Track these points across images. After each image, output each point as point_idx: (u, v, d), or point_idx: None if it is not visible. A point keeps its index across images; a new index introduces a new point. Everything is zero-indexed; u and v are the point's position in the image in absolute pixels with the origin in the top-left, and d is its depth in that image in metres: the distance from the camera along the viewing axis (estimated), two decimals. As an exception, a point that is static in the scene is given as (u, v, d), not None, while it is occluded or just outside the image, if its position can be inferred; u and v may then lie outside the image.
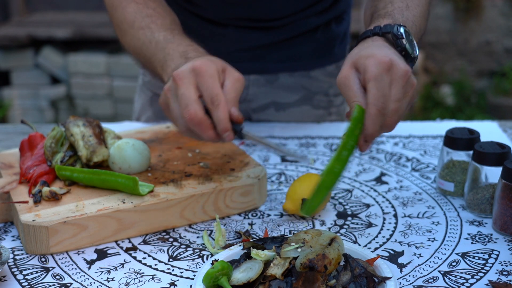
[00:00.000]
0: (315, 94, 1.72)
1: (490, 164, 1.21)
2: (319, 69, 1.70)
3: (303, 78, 1.70)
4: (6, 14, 5.76)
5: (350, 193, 1.35)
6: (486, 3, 5.51)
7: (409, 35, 1.14)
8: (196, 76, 1.09)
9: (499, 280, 1.04)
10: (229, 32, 1.60)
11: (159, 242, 1.18)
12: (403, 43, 1.12)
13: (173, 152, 1.39)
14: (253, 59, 1.64)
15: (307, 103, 1.73)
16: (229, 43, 1.61)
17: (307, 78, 1.70)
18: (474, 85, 5.60)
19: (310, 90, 1.71)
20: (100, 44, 5.29)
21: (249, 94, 1.69)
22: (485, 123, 1.70)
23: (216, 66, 1.11)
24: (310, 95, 1.72)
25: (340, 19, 1.68)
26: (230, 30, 1.60)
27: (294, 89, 1.70)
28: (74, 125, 1.33)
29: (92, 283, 1.06)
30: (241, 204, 1.26)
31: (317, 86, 1.71)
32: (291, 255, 0.96)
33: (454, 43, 5.66)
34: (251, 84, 1.67)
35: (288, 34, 1.61)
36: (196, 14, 1.60)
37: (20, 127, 1.72)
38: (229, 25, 1.59)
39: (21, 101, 5.33)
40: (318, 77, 1.71)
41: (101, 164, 1.29)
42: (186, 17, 1.49)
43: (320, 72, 1.71)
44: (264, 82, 1.68)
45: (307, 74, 1.70)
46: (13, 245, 1.17)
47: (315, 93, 1.72)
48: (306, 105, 1.73)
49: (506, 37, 5.57)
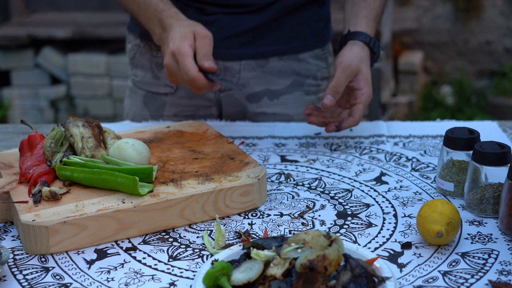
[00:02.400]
0: (306, 78, 1.77)
1: (490, 164, 1.21)
2: (307, 52, 1.76)
3: (292, 62, 1.75)
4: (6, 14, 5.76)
5: (350, 193, 1.35)
6: (486, 3, 5.51)
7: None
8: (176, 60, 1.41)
9: (499, 280, 1.04)
10: (219, 19, 1.65)
11: (159, 242, 1.17)
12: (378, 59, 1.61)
13: (173, 152, 1.39)
14: (244, 45, 1.69)
15: (299, 89, 1.77)
16: (220, 31, 1.65)
17: (296, 61, 1.75)
18: (474, 85, 5.60)
19: (300, 73, 1.76)
20: (100, 44, 5.29)
21: (241, 79, 1.73)
22: (485, 123, 1.70)
23: (188, 43, 1.41)
24: (301, 80, 1.77)
25: (322, 2, 1.75)
26: (220, 16, 1.65)
27: (285, 74, 1.75)
28: (73, 126, 1.33)
29: (92, 283, 1.06)
30: (241, 204, 1.26)
31: (306, 69, 1.77)
32: (291, 256, 0.96)
33: (454, 43, 5.66)
34: (243, 68, 1.72)
35: (274, 13, 1.66)
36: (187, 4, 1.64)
37: (20, 127, 1.72)
38: (218, 13, 1.65)
39: (21, 101, 5.33)
40: (307, 60, 1.77)
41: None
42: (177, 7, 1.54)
43: (308, 54, 1.77)
44: (255, 66, 1.72)
45: (296, 57, 1.75)
46: (13, 245, 1.17)
47: (306, 76, 1.77)
48: (298, 90, 1.77)
49: (506, 37, 5.57)
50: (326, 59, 1.81)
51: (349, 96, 1.55)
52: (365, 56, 1.54)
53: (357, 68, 1.51)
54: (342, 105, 1.57)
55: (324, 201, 1.31)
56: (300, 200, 1.32)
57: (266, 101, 1.76)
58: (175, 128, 1.54)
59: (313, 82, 1.79)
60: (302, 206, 1.29)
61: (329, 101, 1.47)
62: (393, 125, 1.71)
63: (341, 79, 1.49)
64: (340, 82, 1.48)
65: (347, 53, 1.53)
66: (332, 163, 1.48)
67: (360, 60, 1.52)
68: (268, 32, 1.69)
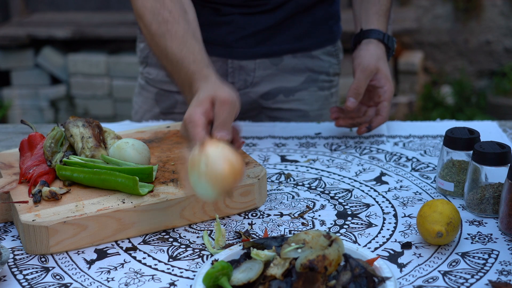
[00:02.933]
0: (319, 74, 1.80)
1: (490, 164, 1.21)
2: (320, 49, 1.79)
3: (306, 59, 1.77)
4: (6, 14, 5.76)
5: (350, 193, 1.35)
6: (486, 3, 5.51)
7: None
8: (187, 129, 1.21)
9: (499, 280, 1.04)
10: (235, 19, 1.67)
11: (159, 242, 1.17)
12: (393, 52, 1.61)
13: (173, 152, 1.39)
14: (258, 44, 1.71)
15: (313, 85, 1.80)
16: (235, 31, 1.68)
17: (309, 58, 1.78)
18: (474, 85, 5.60)
19: (313, 70, 1.79)
20: (100, 44, 5.29)
21: (256, 77, 1.75)
22: (485, 123, 1.70)
23: (201, 110, 1.20)
24: (315, 76, 1.79)
25: (332, 1, 1.77)
26: (235, 17, 1.67)
27: (299, 71, 1.77)
28: (73, 126, 1.33)
29: (92, 283, 1.06)
30: (241, 204, 1.26)
31: (319, 65, 1.79)
32: (291, 256, 0.96)
33: (454, 43, 5.66)
34: (257, 67, 1.74)
35: (288, 12, 1.68)
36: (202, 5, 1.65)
37: (20, 127, 1.72)
38: (233, 13, 1.66)
39: (21, 101, 5.33)
40: (320, 56, 1.79)
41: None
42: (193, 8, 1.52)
43: (320, 51, 1.79)
44: (270, 64, 1.75)
45: (309, 54, 1.78)
46: (13, 245, 1.17)
47: (319, 72, 1.80)
48: (312, 86, 1.80)
49: (506, 37, 5.57)
50: (337, 55, 1.84)
51: (372, 94, 1.58)
52: (381, 53, 1.57)
53: (376, 67, 1.53)
54: (366, 103, 1.60)
55: (324, 201, 1.31)
56: (300, 200, 1.32)
57: (281, 98, 1.79)
58: (175, 128, 1.54)
59: (326, 78, 1.82)
60: (302, 206, 1.29)
61: (352, 104, 1.52)
62: (393, 125, 1.71)
63: (361, 80, 1.52)
64: (360, 83, 1.52)
65: (363, 54, 1.55)
66: (332, 163, 1.48)
67: (377, 59, 1.55)
68: (281, 30, 1.71)
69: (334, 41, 1.82)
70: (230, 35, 1.65)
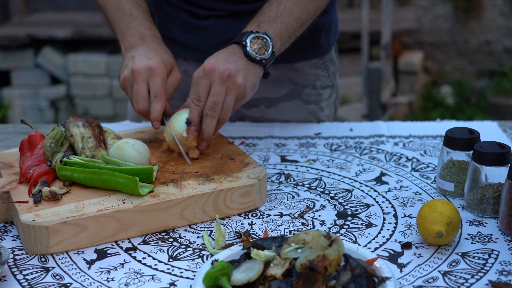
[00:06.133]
0: (303, 88, 1.73)
1: (490, 164, 1.21)
2: (304, 61, 1.71)
3: (288, 71, 1.70)
4: (6, 14, 5.77)
5: (350, 193, 1.35)
6: (486, 3, 5.51)
7: (260, 43, 1.39)
8: (149, 75, 1.39)
9: (499, 280, 1.04)
10: (211, 24, 1.61)
11: (159, 242, 1.18)
12: (247, 51, 1.38)
13: (173, 152, 1.39)
14: None
15: (297, 98, 1.73)
16: (211, 37, 1.62)
17: (292, 70, 1.71)
18: (474, 85, 5.61)
19: (297, 83, 1.72)
20: (100, 44, 5.29)
21: None
22: (485, 123, 1.70)
23: (166, 68, 1.43)
24: (299, 90, 1.73)
25: (324, 11, 1.67)
26: (212, 21, 1.60)
27: (281, 83, 1.70)
28: (73, 126, 1.33)
29: (92, 283, 1.06)
30: (241, 204, 1.26)
31: (303, 78, 1.72)
32: (291, 256, 0.96)
33: (454, 43, 5.66)
34: None
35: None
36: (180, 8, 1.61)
37: (20, 127, 1.73)
38: (209, 16, 1.60)
39: (21, 101, 5.33)
40: (304, 69, 1.72)
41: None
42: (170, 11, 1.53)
43: (305, 64, 1.71)
44: None
45: (292, 66, 1.70)
46: (13, 245, 1.17)
47: (303, 86, 1.73)
48: (296, 99, 1.73)
49: (506, 37, 5.57)
50: (326, 67, 1.75)
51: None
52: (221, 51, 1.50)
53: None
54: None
55: (324, 201, 1.31)
56: (300, 200, 1.32)
57: (263, 108, 1.73)
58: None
59: (312, 91, 1.74)
60: (302, 206, 1.29)
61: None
62: (393, 125, 1.71)
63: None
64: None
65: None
66: (332, 163, 1.48)
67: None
68: None
69: (321, 53, 1.73)
70: (205, 41, 1.56)
